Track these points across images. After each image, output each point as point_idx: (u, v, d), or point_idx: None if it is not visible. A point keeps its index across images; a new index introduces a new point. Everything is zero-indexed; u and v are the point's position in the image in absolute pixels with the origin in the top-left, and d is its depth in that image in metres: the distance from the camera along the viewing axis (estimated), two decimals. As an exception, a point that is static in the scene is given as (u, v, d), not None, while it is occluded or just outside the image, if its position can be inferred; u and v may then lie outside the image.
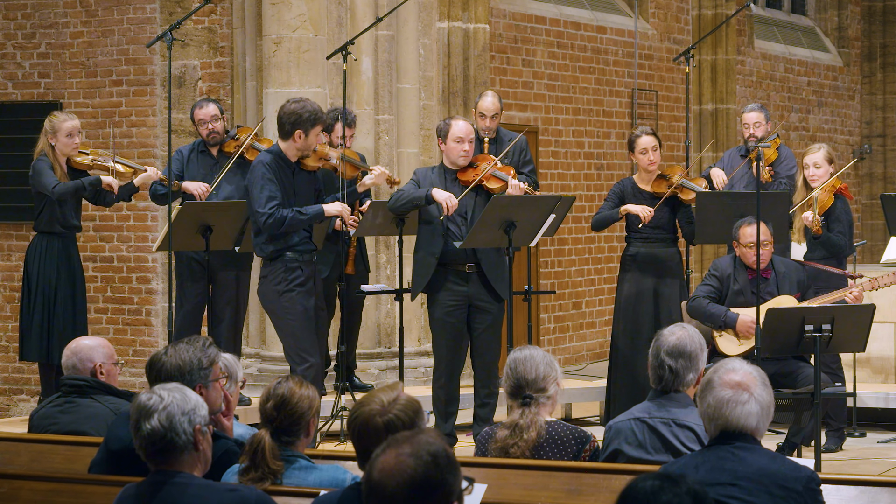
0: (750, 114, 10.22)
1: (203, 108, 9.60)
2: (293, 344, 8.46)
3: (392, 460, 3.29)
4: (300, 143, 8.41)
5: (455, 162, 8.93)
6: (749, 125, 10.18)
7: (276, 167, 8.39)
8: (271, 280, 8.45)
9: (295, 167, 8.49)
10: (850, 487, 4.82)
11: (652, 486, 3.29)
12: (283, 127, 8.44)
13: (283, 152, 8.45)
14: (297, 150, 8.45)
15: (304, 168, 8.53)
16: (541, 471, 5.09)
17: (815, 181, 9.35)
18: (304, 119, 8.37)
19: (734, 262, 8.67)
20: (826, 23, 18.04)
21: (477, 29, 11.56)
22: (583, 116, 13.71)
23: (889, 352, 10.53)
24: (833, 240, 9.27)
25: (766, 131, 10.14)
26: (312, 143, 8.44)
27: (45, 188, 9.22)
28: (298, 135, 8.39)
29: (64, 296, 9.33)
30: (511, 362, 5.50)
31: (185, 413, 4.30)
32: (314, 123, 8.39)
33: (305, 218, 8.40)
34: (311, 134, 8.40)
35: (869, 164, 18.06)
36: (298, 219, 8.36)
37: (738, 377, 4.41)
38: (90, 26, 12.06)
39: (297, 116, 8.38)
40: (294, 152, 8.46)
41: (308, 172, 8.56)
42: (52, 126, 9.33)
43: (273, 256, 8.44)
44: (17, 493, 5.01)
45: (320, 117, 8.45)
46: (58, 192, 9.21)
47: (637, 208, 9.39)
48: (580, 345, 13.66)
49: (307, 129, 8.38)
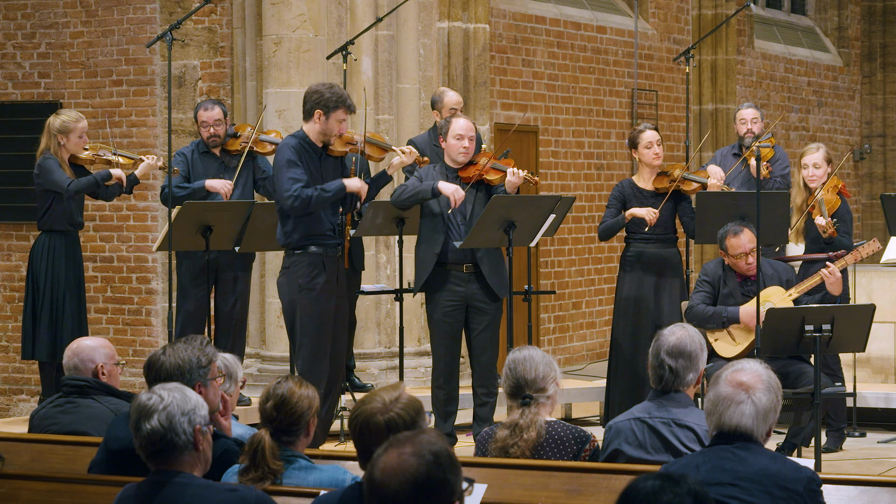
0: (747, 110, 10.24)
1: (209, 110, 9.56)
2: (304, 344, 8.26)
3: (394, 459, 3.30)
4: (321, 125, 8.21)
5: (455, 159, 8.92)
6: (746, 121, 10.20)
7: (301, 150, 8.20)
8: (294, 273, 8.25)
9: (322, 152, 8.30)
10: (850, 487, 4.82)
11: (653, 486, 3.29)
12: (305, 105, 8.27)
13: (307, 135, 8.27)
14: (319, 133, 8.24)
15: (331, 154, 8.34)
16: (541, 471, 5.09)
17: (813, 181, 9.34)
18: (326, 99, 8.19)
19: (722, 265, 8.66)
20: (826, 23, 18.04)
21: (477, 29, 11.56)
22: (583, 116, 13.71)
23: (889, 352, 10.53)
24: (843, 242, 9.26)
25: (761, 129, 10.17)
26: (333, 127, 8.23)
27: (58, 186, 9.18)
28: (318, 115, 8.19)
29: (71, 294, 9.33)
30: (510, 362, 5.50)
31: (185, 413, 4.30)
32: (336, 106, 8.19)
33: (329, 194, 8.18)
34: (331, 117, 8.19)
35: (869, 164, 18.07)
36: (323, 196, 8.16)
37: (744, 377, 4.41)
38: (90, 26, 12.06)
39: (320, 95, 8.21)
40: (316, 135, 8.25)
41: (334, 158, 8.38)
42: (63, 126, 9.27)
43: (298, 246, 8.24)
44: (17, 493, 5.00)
45: (344, 102, 8.22)
46: (73, 189, 9.18)
47: (642, 211, 9.36)
48: (580, 345, 13.66)
49: (328, 112, 8.18)
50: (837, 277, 8.45)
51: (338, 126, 8.26)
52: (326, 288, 8.25)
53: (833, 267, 8.44)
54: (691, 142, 11.36)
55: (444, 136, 8.95)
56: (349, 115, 8.34)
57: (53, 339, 9.26)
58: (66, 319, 9.28)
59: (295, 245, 8.26)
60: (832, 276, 8.42)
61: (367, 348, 10.80)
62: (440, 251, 8.88)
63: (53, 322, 9.29)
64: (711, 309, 8.54)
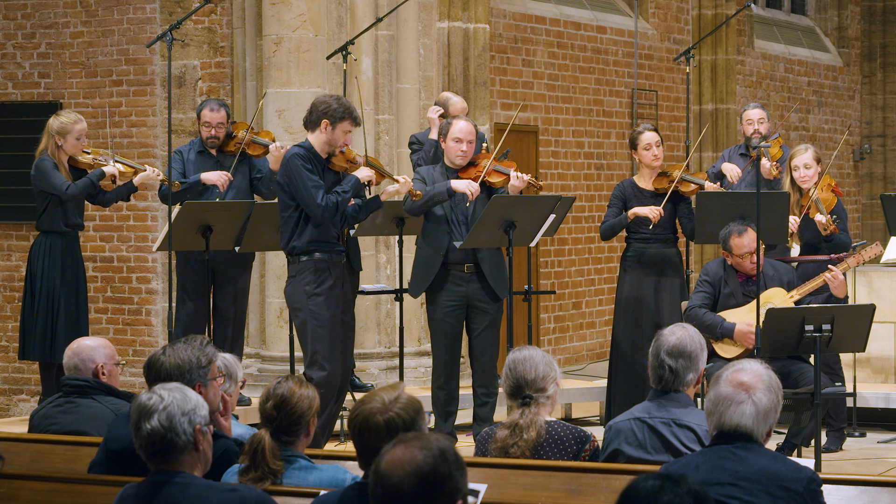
0: (753, 110, 10.27)
1: (214, 111, 9.53)
2: (314, 349, 8.19)
3: (401, 452, 3.31)
4: (326, 135, 8.18)
5: (453, 161, 8.94)
6: (753, 121, 10.22)
7: (309, 159, 8.18)
8: (302, 280, 8.21)
9: (325, 164, 8.28)
10: (850, 487, 4.82)
11: (653, 486, 3.29)
12: (312, 115, 8.23)
13: (313, 146, 8.24)
14: (324, 144, 8.21)
15: (332, 168, 8.32)
16: (541, 471, 5.09)
17: (805, 181, 9.33)
18: (334, 109, 8.18)
19: (723, 265, 8.66)
20: (826, 23, 18.04)
21: (477, 29, 11.56)
22: (583, 116, 13.71)
23: (889, 352, 10.53)
24: (843, 238, 9.26)
25: (768, 129, 10.22)
26: (339, 139, 8.21)
27: (55, 189, 9.19)
28: (325, 125, 8.16)
29: (67, 295, 9.32)
30: (510, 362, 5.50)
31: (186, 413, 4.30)
32: (343, 118, 8.17)
33: (348, 194, 8.18)
34: (337, 128, 8.17)
35: (869, 164, 18.06)
36: (343, 196, 8.14)
37: (745, 377, 4.41)
38: (90, 26, 12.06)
39: (327, 106, 8.19)
40: (321, 146, 8.22)
41: (334, 173, 8.34)
42: (62, 127, 9.27)
43: (304, 252, 8.19)
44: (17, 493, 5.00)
45: (351, 114, 8.21)
46: (71, 193, 9.18)
47: (645, 210, 9.36)
48: (580, 345, 13.66)
49: (334, 122, 8.15)
50: (841, 280, 8.44)
51: (343, 137, 8.23)
52: (333, 293, 8.22)
53: (836, 270, 8.44)
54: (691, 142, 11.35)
55: (443, 138, 8.96)
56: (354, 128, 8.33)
57: (49, 340, 9.26)
58: (63, 320, 9.28)
59: (300, 252, 8.24)
60: (836, 280, 8.42)
61: (367, 348, 10.79)
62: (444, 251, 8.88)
63: (49, 323, 9.30)
64: (710, 318, 8.49)
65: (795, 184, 9.33)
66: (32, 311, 9.34)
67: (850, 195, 17.77)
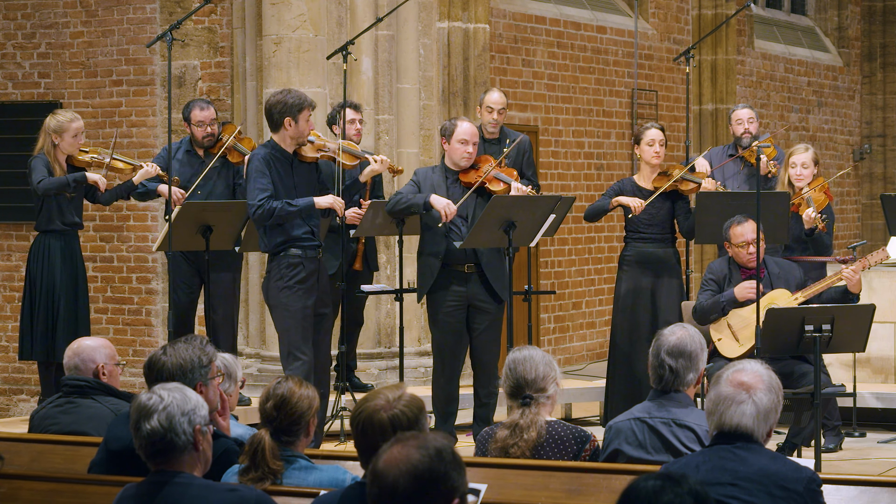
0: (742, 110, 10.34)
1: (205, 109, 9.58)
2: (285, 340, 8.35)
3: (397, 451, 3.31)
4: (292, 131, 8.30)
5: (457, 163, 8.93)
6: (743, 120, 10.27)
7: (272, 160, 8.28)
8: (273, 276, 8.35)
9: (293, 159, 8.39)
10: (850, 487, 4.82)
11: (653, 485, 3.29)
12: (272, 118, 8.34)
13: (278, 144, 8.36)
14: (291, 139, 8.34)
15: (303, 160, 8.43)
16: (541, 471, 5.09)
17: (800, 181, 9.42)
18: (291, 104, 8.28)
19: (728, 263, 8.67)
20: (826, 23, 18.04)
21: (477, 29, 11.56)
22: (583, 116, 13.71)
23: (889, 352, 10.53)
24: (825, 240, 9.35)
25: (758, 129, 10.27)
26: (304, 129, 8.32)
27: (31, 184, 9.23)
28: (288, 122, 8.28)
29: (67, 294, 9.32)
30: (510, 362, 5.50)
31: (185, 413, 4.30)
32: (301, 108, 8.29)
33: (295, 209, 8.26)
34: (300, 119, 8.29)
35: (869, 164, 18.06)
36: (288, 210, 8.23)
37: (745, 377, 4.41)
38: (90, 26, 12.06)
39: (283, 104, 8.29)
40: (288, 142, 8.34)
41: (307, 164, 8.46)
42: (58, 125, 9.29)
43: (276, 251, 8.34)
44: (17, 493, 5.00)
45: (307, 102, 8.34)
46: (42, 188, 9.19)
47: (628, 199, 9.42)
48: (580, 345, 13.66)
49: (295, 115, 8.27)
50: (859, 277, 8.49)
51: (307, 125, 8.35)
52: (305, 286, 8.33)
53: (856, 265, 8.47)
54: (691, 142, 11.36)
55: (447, 139, 8.95)
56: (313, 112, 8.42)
57: (48, 340, 9.26)
58: (62, 320, 9.28)
59: (274, 250, 8.37)
60: (855, 276, 8.44)
61: (367, 348, 10.80)
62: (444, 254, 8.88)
63: (49, 323, 9.30)
64: (711, 301, 8.55)
65: (790, 181, 9.42)
66: (32, 311, 9.35)
67: (850, 195, 17.77)
